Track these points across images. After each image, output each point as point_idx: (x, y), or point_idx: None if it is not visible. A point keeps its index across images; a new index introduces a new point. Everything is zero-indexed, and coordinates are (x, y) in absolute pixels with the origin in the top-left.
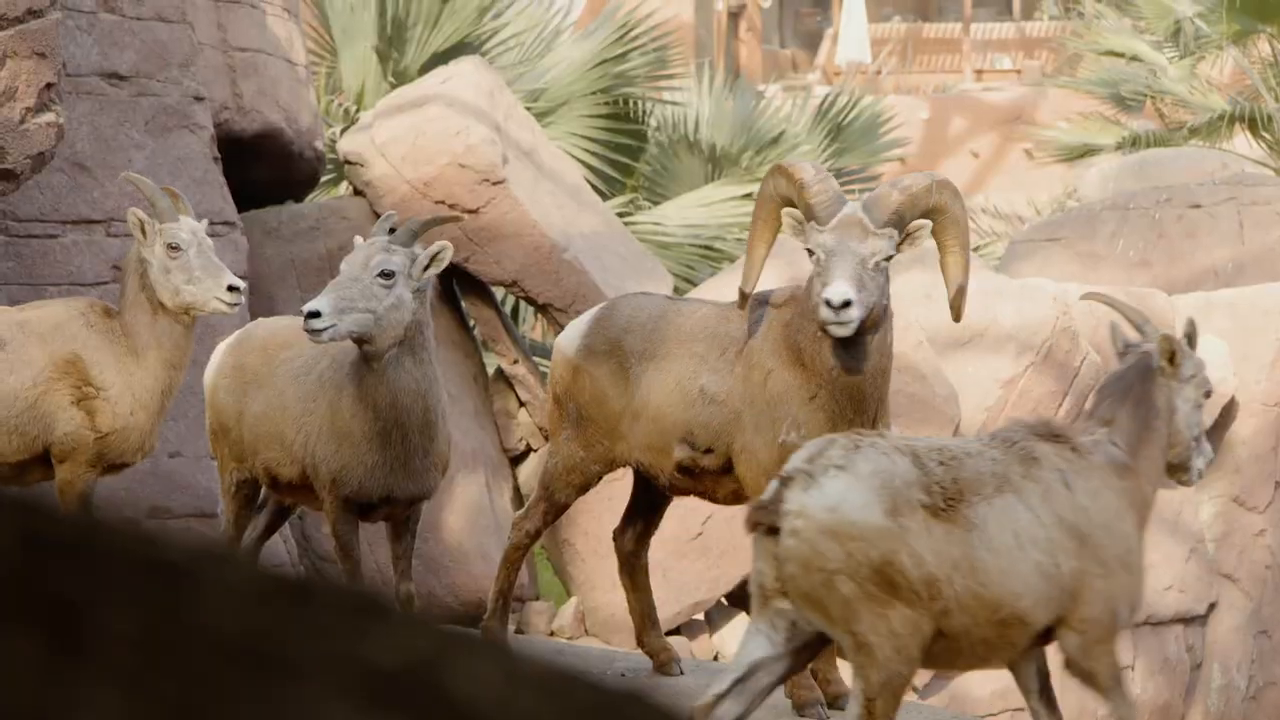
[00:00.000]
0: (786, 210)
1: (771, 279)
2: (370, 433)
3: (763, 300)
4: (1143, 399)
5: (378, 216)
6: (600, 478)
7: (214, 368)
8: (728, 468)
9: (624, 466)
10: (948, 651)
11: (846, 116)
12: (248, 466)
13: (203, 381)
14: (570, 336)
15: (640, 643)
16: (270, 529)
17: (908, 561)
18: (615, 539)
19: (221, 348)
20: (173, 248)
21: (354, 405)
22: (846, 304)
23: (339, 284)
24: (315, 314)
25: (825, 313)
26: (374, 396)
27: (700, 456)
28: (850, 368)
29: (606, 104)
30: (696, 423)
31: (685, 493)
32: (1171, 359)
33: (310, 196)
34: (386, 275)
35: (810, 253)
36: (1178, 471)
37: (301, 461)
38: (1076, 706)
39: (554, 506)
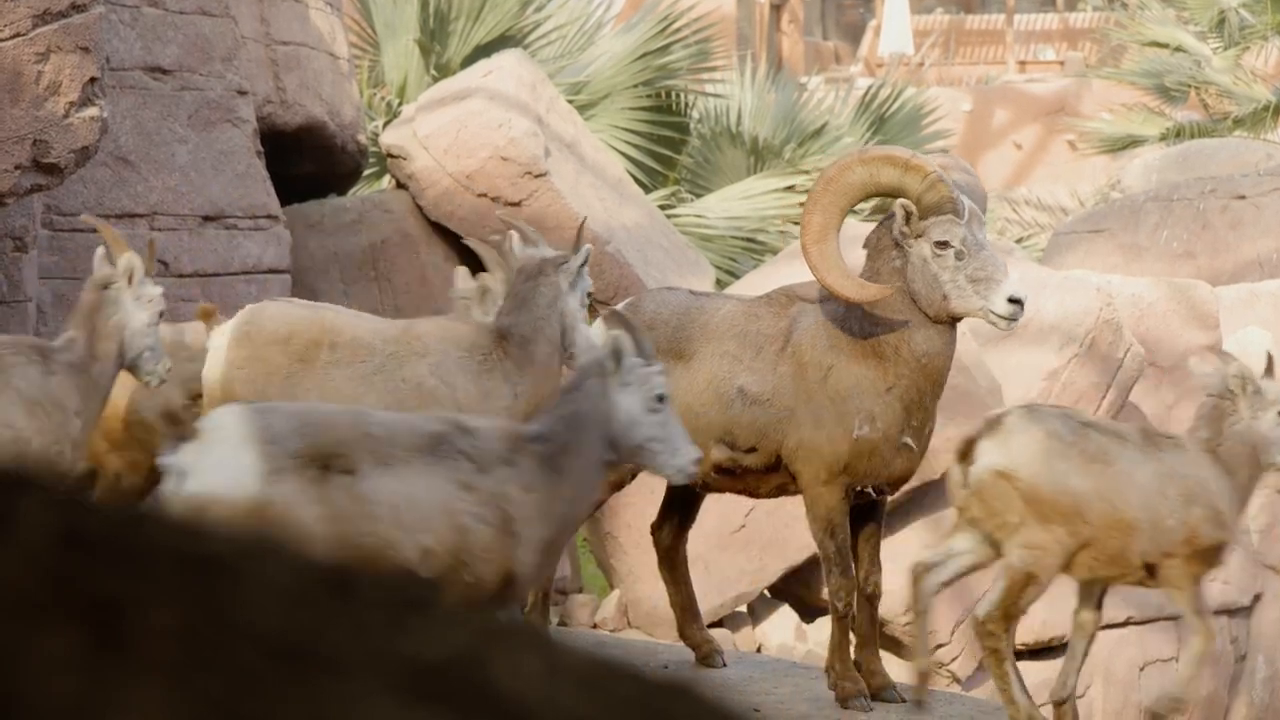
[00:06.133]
0: (901, 202)
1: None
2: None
3: (794, 296)
4: None
5: (420, 209)
6: (634, 475)
7: (220, 360)
8: (773, 465)
9: None
10: None
11: (889, 108)
12: None
13: (204, 375)
14: (596, 334)
15: (682, 635)
16: None
17: None
18: (653, 533)
19: (224, 340)
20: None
21: (510, 404)
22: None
23: None
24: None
25: (1010, 309)
26: (551, 381)
27: (742, 456)
28: (941, 353)
29: (648, 97)
30: (737, 424)
31: (723, 490)
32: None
33: (352, 190)
34: None
35: (946, 245)
36: None
37: None
38: (1120, 699)
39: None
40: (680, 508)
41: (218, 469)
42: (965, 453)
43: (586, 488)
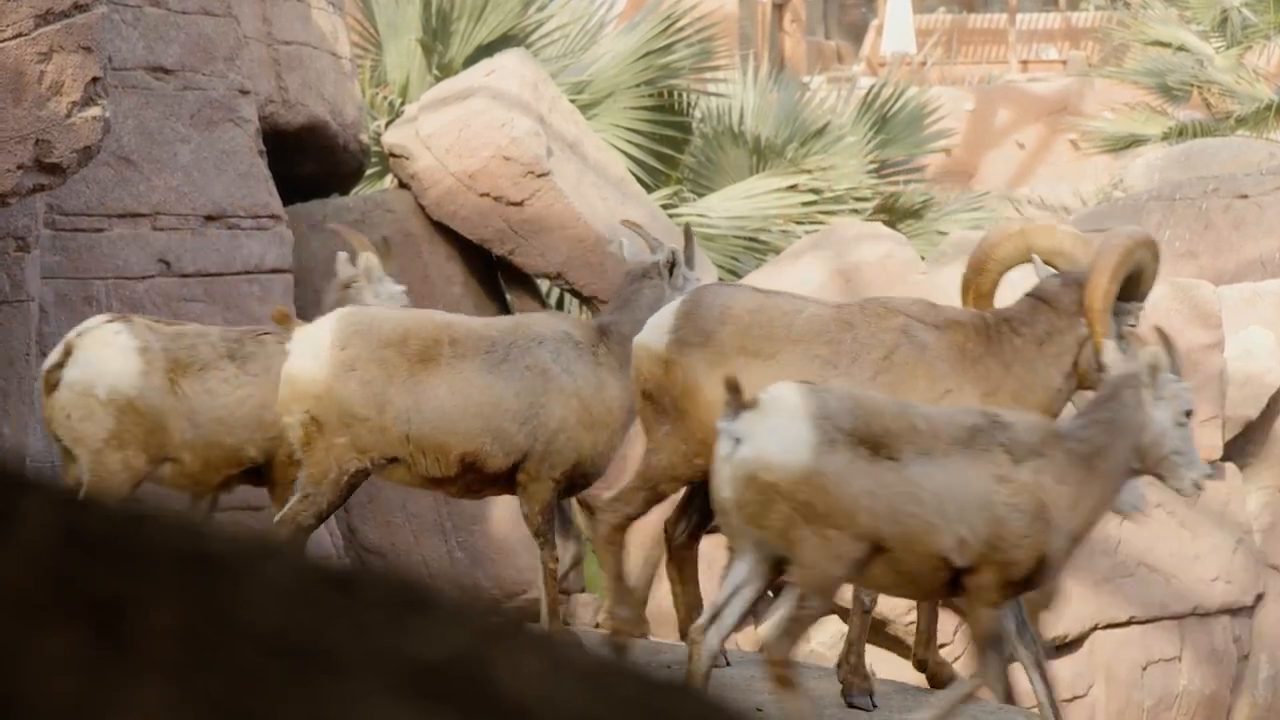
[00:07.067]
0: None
1: (816, 270)
2: (625, 423)
3: (894, 309)
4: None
5: (422, 209)
6: (705, 472)
7: (325, 362)
8: None
9: None
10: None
11: (891, 108)
12: (371, 458)
13: (291, 372)
14: (655, 330)
15: (685, 635)
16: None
17: None
18: (666, 529)
19: (323, 342)
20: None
21: (619, 397)
22: None
23: None
24: None
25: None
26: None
27: None
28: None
29: (651, 96)
30: None
31: None
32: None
33: (355, 189)
34: None
35: (1132, 328)
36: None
37: (523, 450)
38: (1122, 699)
39: (656, 496)
40: (701, 509)
41: (773, 437)
42: None
43: (1109, 492)
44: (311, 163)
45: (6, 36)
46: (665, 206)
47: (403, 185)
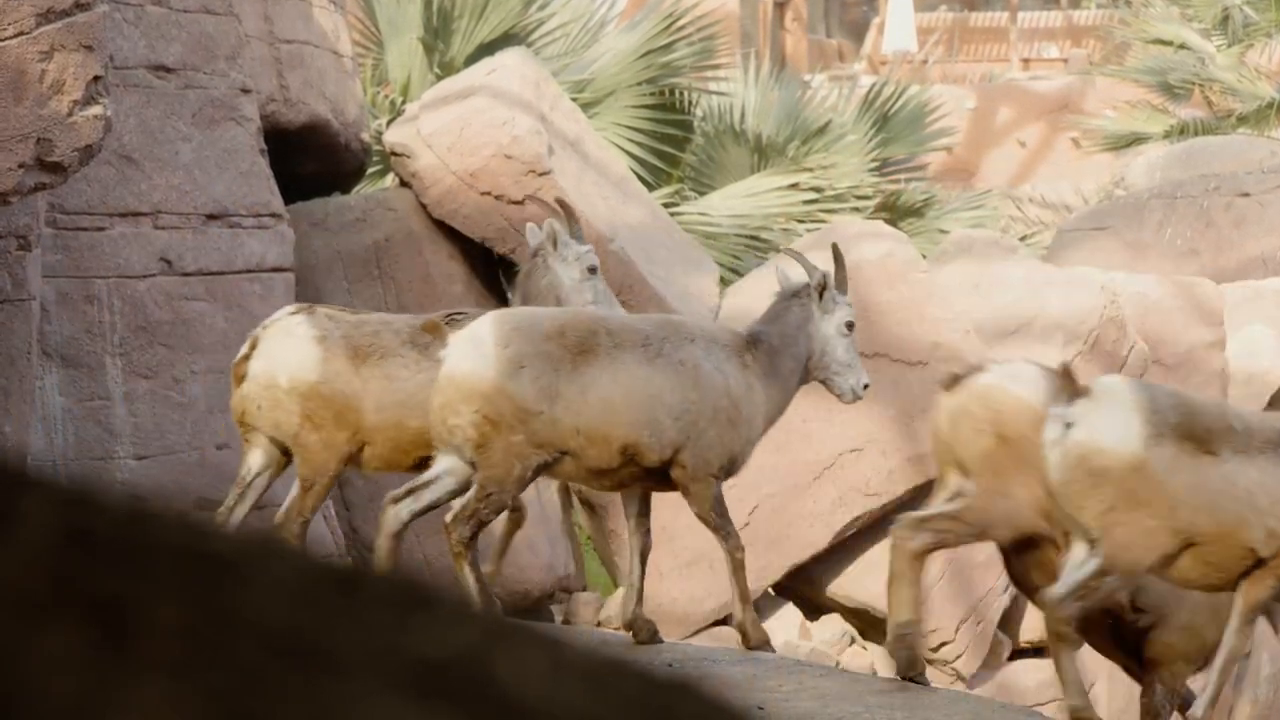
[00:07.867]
0: None
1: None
2: (763, 429)
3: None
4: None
5: (424, 208)
6: (1038, 528)
7: (496, 359)
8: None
9: None
10: None
11: (893, 106)
12: (549, 451)
13: (455, 374)
14: (1029, 382)
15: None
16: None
17: None
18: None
19: (488, 340)
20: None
21: (762, 403)
22: None
23: None
24: None
25: None
26: (787, 397)
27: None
28: None
29: (652, 95)
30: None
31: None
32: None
33: (356, 188)
34: None
35: None
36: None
37: (675, 445)
38: (1125, 697)
39: (979, 538)
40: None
41: (1106, 424)
42: None
43: None
44: (313, 161)
45: (8, 35)
46: (666, 205)
47: (404, 184)
